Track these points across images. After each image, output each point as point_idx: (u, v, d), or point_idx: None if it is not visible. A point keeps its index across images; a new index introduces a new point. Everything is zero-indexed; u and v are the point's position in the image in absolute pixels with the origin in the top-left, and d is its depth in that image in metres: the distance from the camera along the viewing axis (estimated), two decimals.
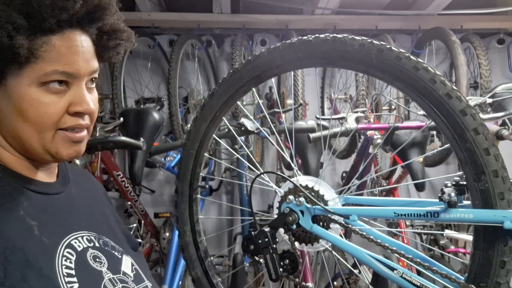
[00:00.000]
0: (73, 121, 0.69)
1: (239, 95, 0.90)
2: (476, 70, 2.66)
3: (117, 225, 0.90)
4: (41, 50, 0.64)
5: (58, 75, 0.66)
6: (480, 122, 0.67)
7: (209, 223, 2.85)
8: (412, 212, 0.73)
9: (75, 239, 0.71)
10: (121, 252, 0.81)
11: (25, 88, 0.65)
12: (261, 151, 2.95)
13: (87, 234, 0.75)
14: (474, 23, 2.95)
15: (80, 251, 0.71)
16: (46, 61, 0.64)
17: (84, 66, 0.69)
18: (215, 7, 2.89)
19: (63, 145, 0.70)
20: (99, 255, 0.74)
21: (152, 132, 1.82)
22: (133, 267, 0.81)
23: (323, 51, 0.78)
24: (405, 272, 0.72)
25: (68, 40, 0.67)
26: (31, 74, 0.65)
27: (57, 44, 0.65)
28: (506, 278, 0.68)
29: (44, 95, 0.66)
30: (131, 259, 0.82)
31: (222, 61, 3.05)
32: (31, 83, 0.65)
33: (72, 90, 0.68)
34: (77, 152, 0.73)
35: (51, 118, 0.67)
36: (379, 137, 1.83)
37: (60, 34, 0.66)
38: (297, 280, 0.85)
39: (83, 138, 0.73)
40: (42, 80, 0.65)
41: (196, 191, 0.96)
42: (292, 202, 0.82)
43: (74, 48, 0.67)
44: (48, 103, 0.66)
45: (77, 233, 0.73)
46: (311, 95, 2.87)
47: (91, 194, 0.88)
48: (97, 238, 0.77)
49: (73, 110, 0.68)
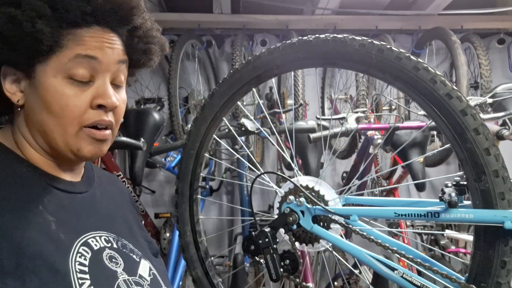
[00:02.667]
0: (97, 116, 0.69)
1: (239, 96, 0.89)
2: (477, 70, 2.66)
3: (139, 231, 0.89)
4: (65, 39, 0.65)
5: (81, 63, 0.66)
6: (480, 122, 0.67)
7: (210, 223, 2.85)
8: (413, 212, 0.73)
9: (92, 238, 0.71)
10: (140, 256, 0.80)
11: (50, 79, 0.66)
12: (261, 151, 2.95)
13: (105, 234, 0.75)
14: (474, 23, 2.95)
15: (96, 250, 0.70)
16: (69, 48, 0.65)
17: (108, 55, 0.69)
18: (215, 7, 2.89)
19: (86, 141, 0.70)
20: (116, 255, 0.73)
21: (152, 133, 1.82)
22: (151, 271, 0.80)
23: (324, 51, 0.78)
24: (406, 272, 0.72)
25: (93, 32, 0.68)
26: (56, 63, 0.65)
27: (82, 34, 0.67)
28: (507, 278, 0.67)
29: (67, 87, 0.66)
30: (150, 264, 0.81)
31: (223, 62, 3.05)
32: (57, 73, 0.66)
33: (96, 83, 0.69)
34: (99, 151, 0.72)
35: (73, 111, 0.67)
36: (379, 137, 1.83)
37: (87, 28, 0.67)
38: (297, 280, 0.85)
39: (106, 137, 0.72)
40: (67, 68, 0.65)
41: (197, 191, 0.96)
42: (292, 202, 0.82)
43: (98, 39, 0.68)
44: (70, 95, 0.66)
45: (95, 233, 0.73)
46: (312, 95, 2.88)
47: (116, 198, 0.88)
48: (116, 240, 0.76)
49: (96, 103, 0.68)
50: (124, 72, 0.75)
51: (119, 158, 2.84)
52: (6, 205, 0.63)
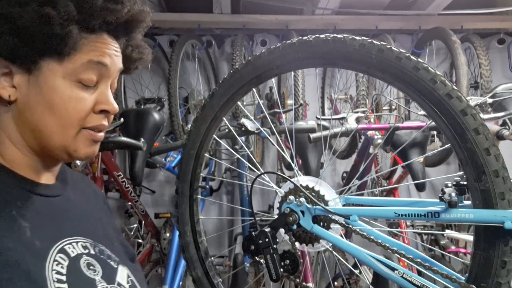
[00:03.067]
0: (98, 120, 0.70)
1: (239, 96, 0.89)
2: (477, 70, 2.66)
3: (115, 235, 0.87)
4: (80, 43, 0.66)
5: (93, 68, 0.67)
6: (480, 122, 0.67)
7: (210, 223, 2.85)
8: (413, 212, 0.73)
9: (69, 244, 0.69)
10: (117, 262, 0.77)
11: (59, 80, 0.66)
12: (261, 151, 2.95)
13: (82, 240, 0.72)
14: (474, 23, 2.95)
15: (74, 257, 0.68)
16: (83, 52, 0.66)
17: (115, 63, 0.71)
18: (215, 7, 2.89)
19: (84, 143, 0.70)
20: (94, 262, 0.71)
21: (152, 133, 1.82)
22: (129, 278, 0.77)
23: (324, 51, 0.78)
24: (406, 272, 0.72)
25: (103, 39, 0.70)
26: (68, 65, 0.66)
27: (94, 40, 0.68)
28: (507, 278, 0.67)
29: (76, 90, 0.67)
30: (128, 270, 0.79)
31: (223, 62, 3.05)
32: (66, 76, 0.66)
33: (99, 89, 0.70)
34: (93, 153, 0.73)
35: (78, 114, 0.68)
36: (379, 137, 1.83)
37: (97, 35, 0.69)
38: (297, 280, 0.85)
39: (101, 139, 0.73)
40: (78, 74, 0.66)
41: (197, 191, 0.96)
42: (292, 202, 0.82)
43: (108, 46, 0.70)
44: (79, 99, 0.67)
45: (71, 238, 0.70)
46: (312, 95, 2.88)
47: (90, 200, 0.85)
48: (93, 246, 0.74)
49: (100, 108, 0.70)
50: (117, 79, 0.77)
51: (119, 158, 2.84)
52: None
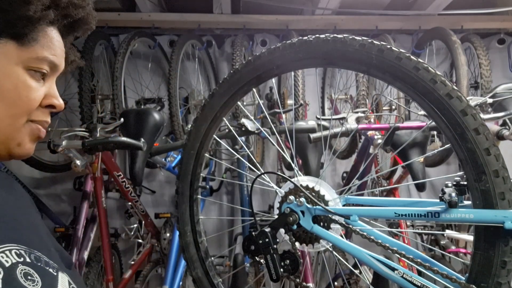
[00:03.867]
0: (44, 115, 0.69)
1: (239, 96, 0.90)
2: (477, 70, 2.66)
3: (49, 239, 0.78)
4: (40, 35, 0.65)
5: (46, 63, 0.67)
6: (480, 122, 0.67)
7: (210, 223, 2.85)
8: (413, 212, 0.73)
9: (1, 253, 0.60)
10: (56, 268, 0.69)
11: (12, 67, 0.63)
12: (261, 152, 2.95)
13: (15, 247, 0.63)
14: (474, 23, 2.95)
15: (8, 267, 0.59)
16: (41, 45, 0.65)
17: (62, 63, 0.71)
18: (216, 7, 2.89)
19: (30, 137, 0.68)
20: (31, 272, 0.62)
21: (152, 133, 1.82)
22: (70, 285, 0.70)
23: (324, 51, 0.78)
24: (406, 272, 0.72)
25: (56, 36, 0.69)
26: (24, 54, 0.64)
27: (51, 35, 0.68)
28: (507, 278, 0.68)
29: (29, 79, 0.65)
30: (68, 277, 0.71)
31: (223, 62, 3.05)
32: (20, 63, 0.64)
33: (46, 83, 0.69)
34: (32, 151, 0.70)
35: (30, 104, 0.65)
36: (379, 137, 1.83)
37: (53, 28, 0.68)
38: (297, 280, 0.85)
39: (44, 136, 0.70)
40: (32, 63, 0.65)
41: (197, 191, 0.96)
42: (292, 203, 0.82)
43: (61, 45, 0.70)
44: (33, 88, 0.65)
45: (3, 246, 0.62)
46: (312, 95, 2.88)
47: (18, 203, 0.76)
48: (28, 253, 0.65)
49: (49, 102, 0.68)
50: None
51: (119, 158, 2.84)
52: None
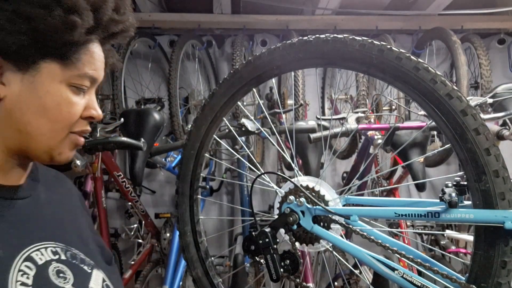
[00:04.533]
0: (84, 125, 0.71)
1: (239, 96, 0.90)
2: (477, 70, 2.66)
3: (91, 236, 0.83)
4: (82, 53, 0.67)
5: (87, 78, 0.69)
6: (480, 122, 0.67)
7: (210, 223, 2.85)
8: (413, 212, 0.73)
9: (36, 251, 0.64)
10: (91, 266, 0.73)
11: (56, 84, 0.65)
12: (261, 152, 2.95)
13: (52, 245, 0.68)
14: (474, 23, 2.95)
15: (41, 264, 0.63)
16: (82, 62, 0.67)
17: (102, 75, 0.73)
18: (216, 7, 2.89)
19: (70, 147, 0.71)
20: (64, 269, 0.66)
21: (152, 133, 1.82)
22: (104, 283, 0.74)
23: (324, 51, 0.78)
24: (406, 272, 0.72)
25: (97, 49, 0.71)
26: (67, 72, 0.66)
27: (93, 50, 0.69)
28: (507, 278, 0.67)
29: (71, 95, 0.67)
30: (103, 274, 0.75)
31: (223, 62, 3.05)
32: (63, 80, 0.66)
33: (86, 95, 0.71)
34: (71, 157, 0.73)
35: (71, 118, 0.68)
36: (379, 137, 1.82)
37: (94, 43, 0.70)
38: (297, 280, 0.85)
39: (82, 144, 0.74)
40: (73, 80, 0.67)
41: (197, 191, 0.96)
42: (292, 203, 0.82)
43: (101, 58, 0.72)
44: (72, 103, 0.67)
45: (40, 244, 0.66)
46: (312, 95, 2.88)
47: (64, 200, 0.81)
48: (65, 250, 0.69)
49: (88, 114, 0.71)
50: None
51: (119, 158, 2.84)
52: None
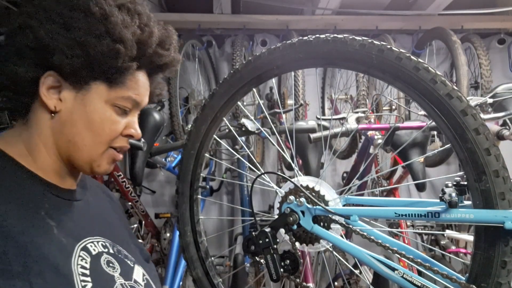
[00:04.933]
0: (124, 142, 0.80)
1: (239, 96, 0.89)
2: (477, 70, 2.66)
3: (130, 238, 0.94)
4: (128, 79, 0.76)
5: (130, 101, 0.78)
6: (481, 122, 0.67)
7: (210, 223, 2.86)
8: (413, 213, 0.73)
9: (90, 243, 0.75)
10: (133, 261, 0.84)
11: (101, 104, 0.75)
12: (261, 152, 2.95)
13: (102, 240, 0.79)
14: (474, 23, 2.95)
15: (95, 254, 0.74)
16: (127, 87, 0.77)
17: (145, 101, 0.82)
18: (216, 7, 2.89)
19: (107, 160, 0.79)
20: (113, 260, 0.77)
21: (152, 133, 1.82)
22: (144, 277, 0.84)
23: (324, 51, 0.78)
24: (406, 272, 0.72)
25: (143, 78, 0.80)
26: (112, 94, 0.76)
27: (138, 78, 0.79)
28: (507, 278, 0.67)
29: (113, 114, 0.77)
30: (143, 270, 0.86)
31: (223, 62, 3.05)
32: (108, 101, 0.75)
33: (129, 116, 0.80)
34: (109, 169, 0.81)
35: (111, 134, 0.77)
36: (379, 137, 1.83)
37: (140, 72, 0.79)
38: (297, 280, 0.85)
39: (120, 159, 0.82)
40: (117, 101, 0.76)
41: (197, 191, 0.96)
42: (293, 203, 0.82)
43: (145, 85, 0.81)
44: (114, 121, 0.77)
45: (92, 238, 0.77)
46: (312, 95, 2.88)
47: (107, 205, 0.94)
48: (112, 245, 0.81)
49: (128, 132, 0.79)
50: None
51: None
52: (11, 211, 0.66)
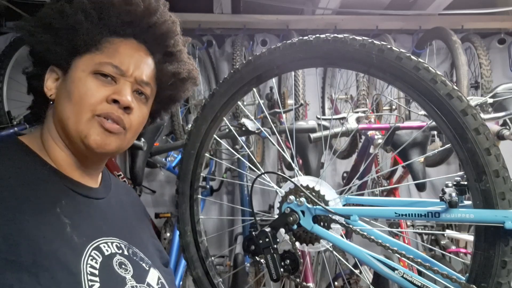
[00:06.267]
0: (109, 108, 0.75)
1: (239, 95, 0.89)
2: (477, 70, 2.66)
3: (151, 240, 0.93)
4: (104, 46, 0.75)
5: (109, 67, 0.75)
6: (481, 122, 0.67)
7: (210, 223, 2.85)
8: (413, 212, 0.73)
9: (104, 243, 0.75)
10: (149, 265, 0.83)
11: (78, 72, 0.75)
12: (262, 151, 2.95)
13: (117, 241, 0.78)
14: (474, 23, 2.95)
15: (107, 255, 0.73)
16: (104, 54, 0.75)
17: (133, 69, 0.78)
18: (216, 7, 2.89)
19: (94, 130, 0.74)
20: (126, 262, 0.76)
21: (153, 133, 1.82)
22: (159, 280, 0.83)
23: (324, 51, 0.78)
24: (406, 272, 0.72)
25: (129, 44, 0.78)
26: (88, 62, 0.75)
27: (118, 44, 0.76)
28: (507, 278, 0.67)
29: (91, 80, 0.74)
30: (159, 274, 0.84)
31: (223, 61, 3.05)
32: (85, 69, 0.74)
33: (118, 85, 0.76)
34: (104, 143, 0.75)
35: (89, 100, 0.73)
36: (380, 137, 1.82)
37: (125, 40, 0.77)
38: (297, 280, 0.85)
39: (114, 130, 0.76)
40: (95, 68, 0.74)
41: (197, 191, 0.96)
42: (293, 202, 0.82)
43: (131, 51, 0.78)
44: (91, 87, 0.74)
45: (107, 238, 0.76)
46: (312, 95, 2.88)
47: (129, 207, 0.93)
48: (127, 247, 0.80)
49: (111, 97, 0.75)
50: (148, 92, 0.82)
51: (119, 158, 2.84)
52: (27, 205, 0.66)
